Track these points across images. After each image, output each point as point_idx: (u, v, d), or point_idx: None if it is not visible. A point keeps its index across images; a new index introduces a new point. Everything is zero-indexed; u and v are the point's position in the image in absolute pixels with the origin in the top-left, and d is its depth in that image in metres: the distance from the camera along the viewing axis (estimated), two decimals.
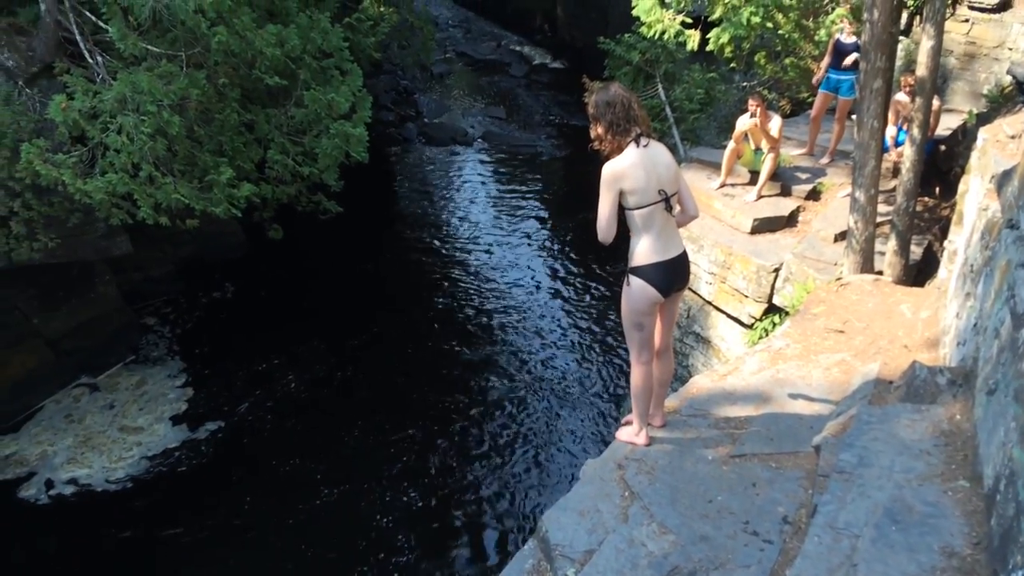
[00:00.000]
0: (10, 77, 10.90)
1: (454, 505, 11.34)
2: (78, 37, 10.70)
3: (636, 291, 3.92)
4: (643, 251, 3.91)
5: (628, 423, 4.52)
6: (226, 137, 11.18)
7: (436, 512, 11.20)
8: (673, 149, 13.50)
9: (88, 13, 10.75)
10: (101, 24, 10.51)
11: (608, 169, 3.80)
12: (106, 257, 13.39)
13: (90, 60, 10.71)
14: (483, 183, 23.22)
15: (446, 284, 17.41)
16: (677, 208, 3.98)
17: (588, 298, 16.67)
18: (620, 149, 3.82)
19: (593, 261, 17.91)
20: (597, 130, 3.92)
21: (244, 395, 13.45)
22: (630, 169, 3.76)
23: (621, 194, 3.79)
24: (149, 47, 10.23)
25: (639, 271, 3.94)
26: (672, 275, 3.98)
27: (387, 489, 11.52)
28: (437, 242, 19.40)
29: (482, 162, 24.78)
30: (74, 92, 10.13)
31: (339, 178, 12.37)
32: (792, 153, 10.36)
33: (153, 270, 15.92)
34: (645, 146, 3.88)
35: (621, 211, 3.97)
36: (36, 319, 12.87)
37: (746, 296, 8.24)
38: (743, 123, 9.19)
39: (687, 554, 3.90)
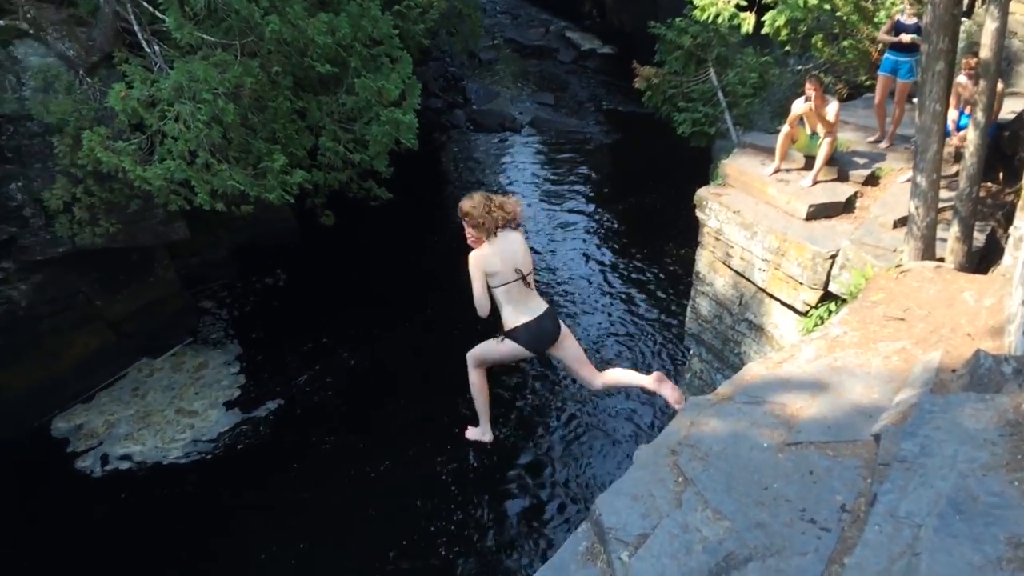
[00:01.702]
0: (71, 67, 11.19)
1: (506, 486, 11.43)
2: (136, 27, 10.93)
3: (505, 347, 4.74)
4: (509, 318, 4.70)
5: None
6: (279, 124, 11.34)
7: (488, 492, 11.31)
8: (725, 134, 13.34)
9: (145, 3, 10.97)
10: (158, 14, 10.72)
11: (472, 260, 4.57)
12: (164, 242, 13.72)
13: (147, 49, 10.93)
14: (531, 169, 23.19)
15: None
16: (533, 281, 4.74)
17: (637, 283, 16.58)
18: (482, 242, 4.59)
19: (642, 247, 17.81)
20: (467, 228, 4.69)
21: (295, 380, 13.69)
22: (489, 258, 4.55)
23: (487, 276, 4.55)
24: (204, 36, 10.40)
25: (510, 334, 4.72)
26: (539, 332, 4.75)
27: (440, 469, 11.66)
28: None
29: (530, 148, 24.74)
30: (132, 81, 10.35)
31: (389, 165, 12.47)
32: (853, 138, 10.14)
33: (209, 255, 16.25)
34: (501, 234, 4.67)
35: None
36: (99, 302, 13.25)
37: (801, 283, 8.12)
38: (798, 107, 9.02)
39: (742, 540, 3.87)
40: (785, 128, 9.22)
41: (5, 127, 11.18)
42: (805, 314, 8.17)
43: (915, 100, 7.38)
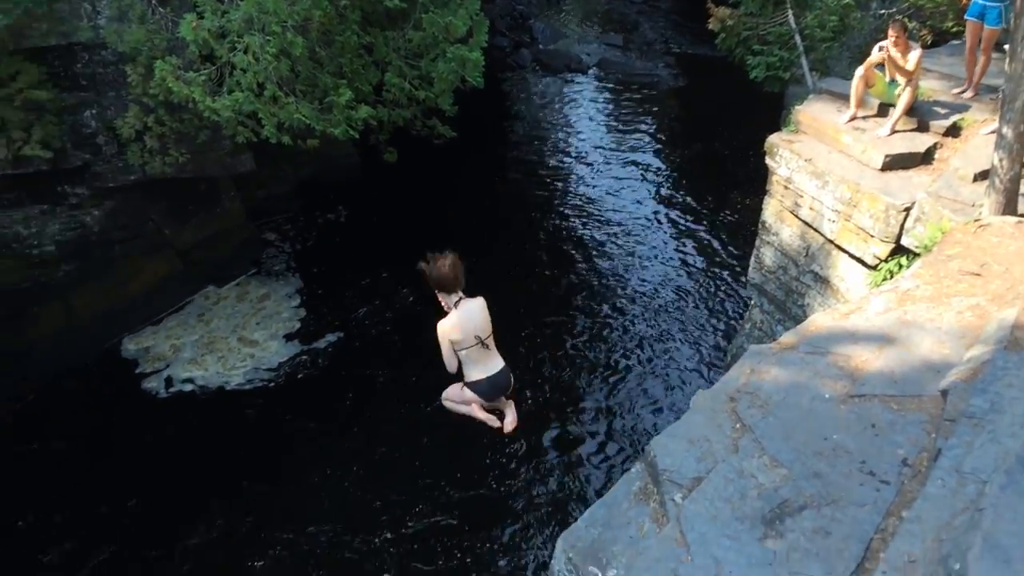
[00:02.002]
0: None
1: (558, 427, 11.53)
2: None
3: (467, 392, 5.58)
4: (471, 374, 5.46)
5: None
6: (346, 59, 11.30)
7: (541, 431, 11.43)
8: (800, 80, 12.89)
9: None
10: None
11: (439, 330, 5.28)
12: (231, 174, 13.95)
13: None
14: (597, 112, 22.85)
15: (557, 210, 17.38)
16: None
17: (699, 231, 16.33)
18: (448, 309, 5.26)
19: (706, 194, 17.51)
20: (435, 293, 5.34)
21: (354, 314, 13.92)
22: (453, 327, 5.23)
23: (451, 342, 5.28)
24: None
25: (470, 385, 5.54)
26: (494, 386, 5.58)
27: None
28: (548, 169, 19.31)
29: (597, 90, 24.35)
30: (203, 11, 10.40)
31: (453, 103, 12.38)
32: (935, 87, 9.70)
33: (274, 188, 16.49)
34: (462, 304, 5.33)
35: None
36: (167, 230, 13.60)
37: (871, 236, 7.87)
38: (878, 52, 8.66)
39: (799, 488, 3.85)
40: (859, 71, 8.84)
41: (80, 55, 11.40)
42: (874, 268, 7.94)
43: (1006, 47, 7.01)
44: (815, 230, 8.76)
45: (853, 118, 9.02)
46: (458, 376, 5.58)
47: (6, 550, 9.74)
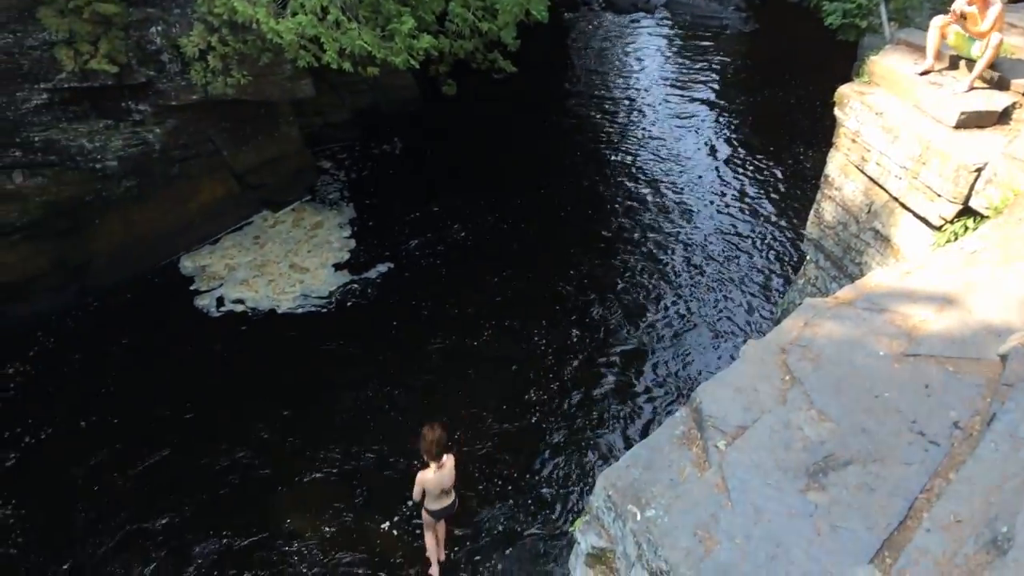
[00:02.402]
0: None
1: (605, 366, 11.59)
2: None
3: (424, 515, 8.30)
4: (430, 504, 8.12)
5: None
6: None
7: (587, 369, 11.52)
8: (877, 29, 12.41)
9: None
10: None
11: (419, 478, 7.87)
12: (291, 98, 13.98)
13: None
14: (662, 53, 22.36)
15: (614, 148, 17.18)
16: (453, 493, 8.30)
17: (758, 180, 16.02)
18: (430, 464, 7.78)
19: (769, 143, 17.11)
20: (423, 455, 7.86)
21: (404, 247, 14.02)
22: (429, 481, 7.84)
23: (424, 489, 7.93)
24: None
25: (426, 510, 8.21)
26: (441, 513, 8.33)
27: (539, 341, 11.91)
28: (608, 108, 19.02)
29: (662, 32, 23.78)
30: None
31: (516, 37, 12.20)
32: (1020, 44, 9.25)
33: (332, 116, 16.54)
34: (440, 466, 7.83)
35: None
36: (226, 151, 13.76)
37: (939, 195, 7.61)
38: (959, 3, 8.26)
39: (845, 444, 3.82)
40: (936, 21, 8.46)
41: None
42: (939, 228, 7.70)
43: None
44: (880, 186, 8.51)
45: (928, 71, 8.66)
46: (421, 503, 8.12)
47: (71, 446, 10.23)
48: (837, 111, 9.03)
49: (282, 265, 13.55)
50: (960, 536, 2.93)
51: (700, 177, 16.13)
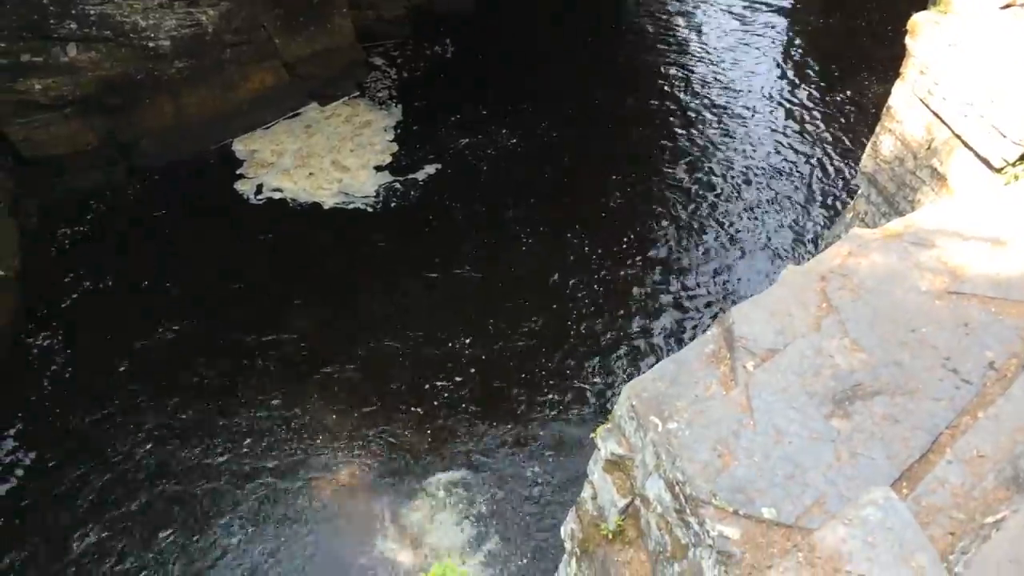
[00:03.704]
0: None
1: (644, 274, 11.66)
2: None
3: None
4: None
5: None
6: None
7: (624, 278, 11.62)
8: None
9: None
10: None
11: None
12: None
13: None
14: None
15: (672, 65, 16.75)
16: None
17: (820, 107, 15.51)
18: None
19: (834, 71, 16.49)
20: None
21: (448, 151, 13.98)
22: None
23: None
24: None
25: None
26: None
27: (583, 243, 12.04)
28: (666, 23, 18.39)
29: None
30: None
31: None
32: None
33: (386, 11, 16.26)
34: None
35: None
36: (278, 40, 13.66)
37: (1004, 135, 7.33)
38: None
39: (875, 374, 3.79)
40: None
41: None
42: (999, 170, 7.45)
43: None
44: (943, 122, 8.20)
45: (1011, 5, 8.21)
46: None
47: (131, 307, 10.82)
48: (908, 40, 8.64)
49: (325, 160, 13.60)
50: (981, 471, 2.93)
51: (757, 100, 15.68)
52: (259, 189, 12.96)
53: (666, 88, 16.03)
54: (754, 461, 3.48)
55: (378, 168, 13.62)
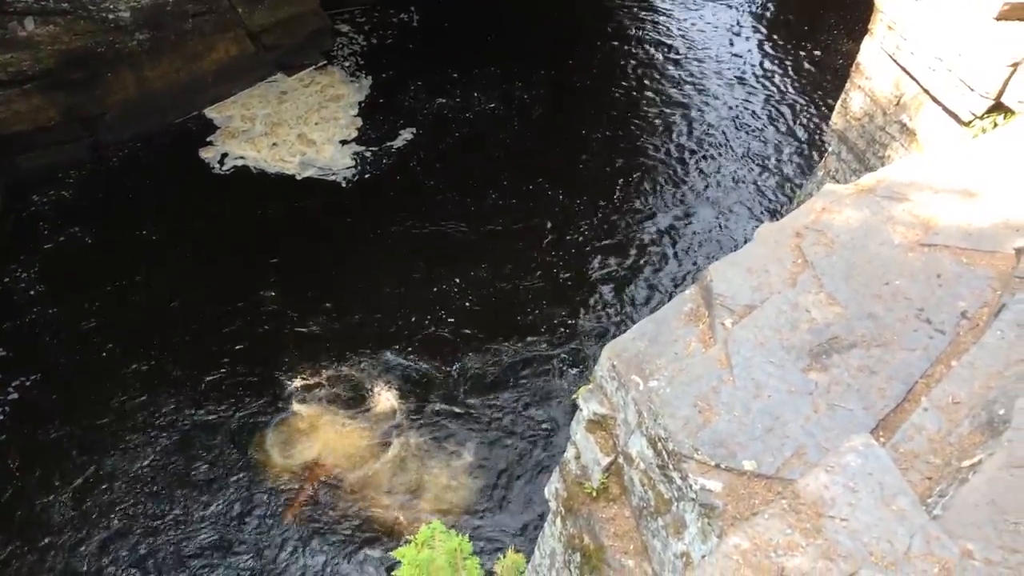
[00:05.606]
0: None
1: (622, 236, 11.78)
2: None
3: None
4: None
5: None
6: None
7: (599, 238, 11.75)
8: None
9: None
10: None
11: None
12: None
13: None
14: None
15: (638, 22, 16.64)
16: None
17: (787, 66, 15.52)
18: None
19: (799, 28, 16.48)
20: None
21: (416, 120, 13.88)
22: None
23: None
24: None
25: None
26: None
27: (557, 203, 12.18)
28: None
29: None
30: None
31: None
32: None
33: None
34: None
35: None
36: (240, 9, 13.37)
37: (972, 89, 7.39)
38: None
39: (850, 327, 3.85)
40: None
41: None
42: (967, 123, 7.53)
43: None
44: (912, 77, 8.25)
45: None
46: None
47: (95, 284, 10.85)
48: None
49: (291, 133, 13.44)
50: (956, 417, 3.00)
51: (728, 58, 15.66)
52: (223, 158, 12.94)
53: (638, 47, 15.95)
54: (734, 416, 3.54)
55: (343, 142, 13.50)
